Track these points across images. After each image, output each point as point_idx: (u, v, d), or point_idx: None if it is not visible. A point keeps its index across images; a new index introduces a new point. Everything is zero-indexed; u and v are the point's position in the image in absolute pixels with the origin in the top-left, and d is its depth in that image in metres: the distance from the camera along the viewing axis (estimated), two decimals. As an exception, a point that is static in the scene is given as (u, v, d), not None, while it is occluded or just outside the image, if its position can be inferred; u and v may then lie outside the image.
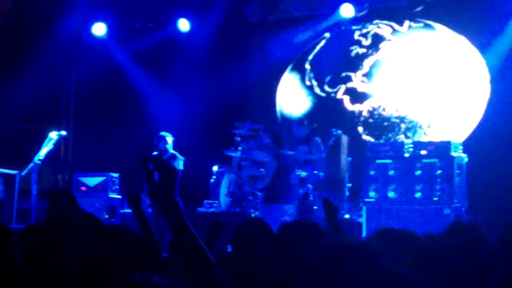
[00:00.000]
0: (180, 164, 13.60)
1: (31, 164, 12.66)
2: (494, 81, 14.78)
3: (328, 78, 16.55)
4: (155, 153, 13.81)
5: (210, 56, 17.25)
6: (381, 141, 15.19)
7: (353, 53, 16.33)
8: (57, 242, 2.89)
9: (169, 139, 13.92)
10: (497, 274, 3.77)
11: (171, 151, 13.87)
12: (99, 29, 17.59)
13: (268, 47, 17.28)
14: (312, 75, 16.73)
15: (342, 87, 16.34)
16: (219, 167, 15.01)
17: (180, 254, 3.29)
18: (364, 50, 16.18)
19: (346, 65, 16.43)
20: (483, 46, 14.84)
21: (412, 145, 13.29)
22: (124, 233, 3.52)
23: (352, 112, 16.22)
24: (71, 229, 2.94)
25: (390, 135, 15.48)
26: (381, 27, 15.91)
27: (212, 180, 14.77)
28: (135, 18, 17.84)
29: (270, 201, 14.32)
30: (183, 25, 17.30)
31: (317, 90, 16.71)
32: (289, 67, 17.14)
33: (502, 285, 3.71)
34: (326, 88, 16.54)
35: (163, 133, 13.93)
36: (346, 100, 16.22)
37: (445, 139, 13.46)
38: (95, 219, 3.14)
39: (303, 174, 13.95)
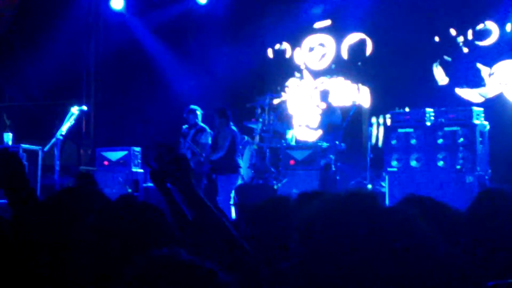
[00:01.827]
0: (208, 138, 13.63)
1: (54, 140, 12.71)
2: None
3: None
4: (185, 126, 13.81)
5: (228, 27, 17.19)
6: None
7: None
8: (68, 218, 2.90)
9: (198, 112, 13.92)
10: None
11: (201, 124, 13.88)
12: (117, 3, 17.57)
13: (286, 17, 17.01)
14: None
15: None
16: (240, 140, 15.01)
17: (202, 232, 3.32)
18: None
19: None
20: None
21: (433, 114, 13.21)
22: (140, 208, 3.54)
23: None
24: (83, 205, 2.95)
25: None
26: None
27: (233, 152, 14.78)
28: (153, -9, 17.82)
29: None
30: (202, -4, 17.27)
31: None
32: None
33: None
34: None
35: (192, 107, 13.92)
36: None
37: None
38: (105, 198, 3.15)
39: (325, 145, 13.92)
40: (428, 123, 13.18)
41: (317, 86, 15.65)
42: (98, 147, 15.79)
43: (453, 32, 13.73)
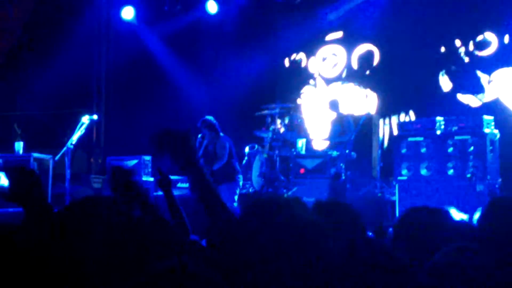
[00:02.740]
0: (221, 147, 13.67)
1: (64, 149, 12.75)
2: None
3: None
4: (199, 135, 13.84)
5: (238, 37, 17.24)
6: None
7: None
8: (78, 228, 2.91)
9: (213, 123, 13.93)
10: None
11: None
12: (127, 13, 17.64)
13: (297, 27, 17.14)
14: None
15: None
16: (250, 148, 15.04)
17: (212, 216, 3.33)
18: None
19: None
20: None
21: (443, 122, 13.20)
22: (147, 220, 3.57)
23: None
24: (95, 214, 2.96)
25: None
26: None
27: (244, 162, 14.80)
28: (163, 0, 17.85)
29: None
30: (211, 6, 17.28)
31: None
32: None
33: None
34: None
35: (207, 117, 13.92)
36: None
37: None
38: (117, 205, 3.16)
39: (335, 153, 13.93)
40: (438, 132, 13.17)
41: (328, 95, 15.94)
42: (108, 156, 15.83)
43: (457, 43, 14.23)
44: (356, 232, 4.25)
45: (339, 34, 15.96)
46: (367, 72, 15.65)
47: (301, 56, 16.76)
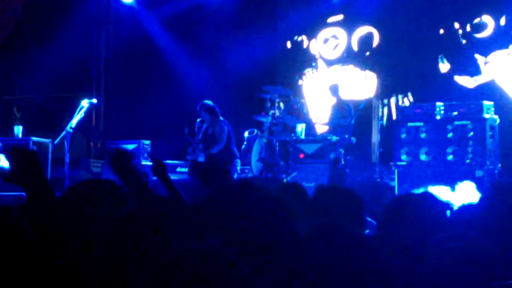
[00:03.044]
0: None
1: (64, 133, 12.74)
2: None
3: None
4: (198, 119, 13.81)
5: (239, 20, 17.21)
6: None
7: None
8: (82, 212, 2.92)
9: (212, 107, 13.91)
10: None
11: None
12: (128, -4, 17.60)
13: (298, 10, 17.13)
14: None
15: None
16: (249, 133, 15.03)
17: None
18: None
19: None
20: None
21: (443, 107, 13.20)
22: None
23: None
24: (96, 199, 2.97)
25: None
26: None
27: (243, 146, 14.79)
28: (163, -17, 17.81)
29: None
30: (212, -11, 17.25)
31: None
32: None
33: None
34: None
35: (206, 101, 13.90)
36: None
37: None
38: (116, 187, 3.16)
39: (334, 138, 13.93)
40: (438, 117, 13.17)
41: (328, 78, 16.09)
42: (108, 140, 15.83)
43: (456, 25, 14.49)
44: (357, 217, 4.26)
45: (340, 17, 16.14)
46: (367, 54, 15.86)
47: (302, 38, 16.88)
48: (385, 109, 15.31)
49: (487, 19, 14.30)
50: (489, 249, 2.92)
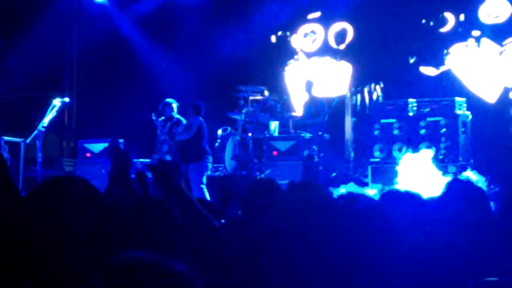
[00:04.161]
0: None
1: (36, 132, 12.64)
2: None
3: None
4: (161, 118, 13.79)
5: (212, 18, 17.18)
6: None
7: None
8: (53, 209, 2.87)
9: (174, 105, 13.91)
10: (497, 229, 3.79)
11: (176, 116, 13.87)
12: (99, -6, 17.50)
13: (271, 9, 17.28)
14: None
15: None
16: (223, 131, 15.02)
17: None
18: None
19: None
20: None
21: (416, 104, 13.28)
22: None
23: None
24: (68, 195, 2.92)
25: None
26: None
27: (216, 144, 14.78)
28: (135, -18, 17.74)
29: None
30: (184, -13, 17.20)
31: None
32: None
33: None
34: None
35: (168, 100, 13.90)
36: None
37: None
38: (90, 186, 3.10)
39: (308, 135, 13.95)
40: (411, 113, 13.24)
41: (307, 70, 16.80)
42: (80, 138, 15.74)
43: (422, 21, 15.39)
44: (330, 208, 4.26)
45: (317, 14, 17.03)
46: (342, 47, 16.59)
47: (286, 33, 17.59)
48: (359, 96, 15.82)
49: (448, 15, 14.99)
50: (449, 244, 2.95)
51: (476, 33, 14.59)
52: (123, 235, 2.92)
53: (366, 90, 15.83)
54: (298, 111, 15.68)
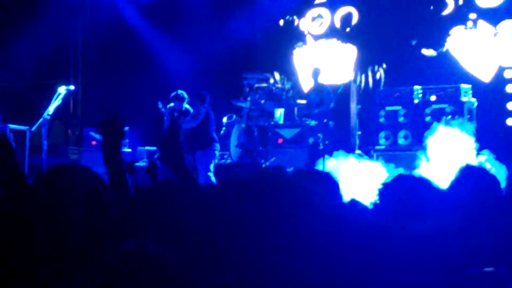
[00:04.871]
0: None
1: (41, 120, 12.63)
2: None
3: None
4: (169, 105, 13.78)
5: (216, 7, 17.16)
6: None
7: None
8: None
9: (185, 99, 13.90)
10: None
11: (185, 107, 13.85)
12: (104, -18, 17.46)
13: None
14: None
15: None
16: (228, 118, 15.00)
17: None
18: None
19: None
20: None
21: (421, 91, 13.25)
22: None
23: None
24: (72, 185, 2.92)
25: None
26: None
27: (221, 132, 14.76)
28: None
29: None
30: (189, -24, 17.16)
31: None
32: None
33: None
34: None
35: (180, 92, 13.84)
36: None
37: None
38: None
39: (313, 123, 13.93)
40: (416, 101, 13.22)
41: (315, 52, 17.48)
42: (86, 126, 15.75)
43: (423, 5, 15.92)
44: (335, 200, 4.25)
45: None
46: (347, 30, 17.12)
47: (293, 17, 18.03)
48: (363, 77, 16.47)
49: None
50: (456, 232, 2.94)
51: (473, 16, 15.09)
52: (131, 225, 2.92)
53: (369, 72, 16.32)
54: (305, 92, 15.84)
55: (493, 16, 14.86)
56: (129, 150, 14.53)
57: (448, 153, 11.73)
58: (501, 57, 14.63)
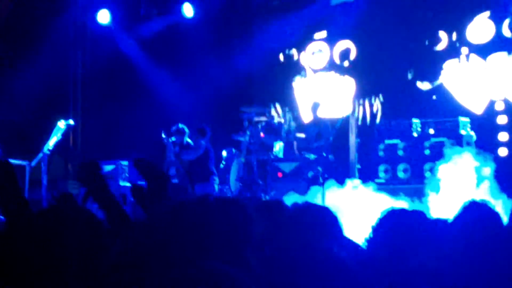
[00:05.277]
0: (191, 154, 13.67)
1: (41, 155, 12.66)
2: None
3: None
4: (171, 139, 13.78)
5: (215, 41, 17.25)
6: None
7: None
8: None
9: (186, 131, 13.94)
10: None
11: (186, 140, 13.87)
12: (103, 16, 17.53)
13: (274, 30, 17.54)
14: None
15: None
16: (227, 152, 15.02)
17: None
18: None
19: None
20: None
21: (420, 124, 13.29)
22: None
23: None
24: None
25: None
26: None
27: (221, 166, 14.77)
28: (139, 4, 17.79)
29: None
30: (188, 10, 17.25)
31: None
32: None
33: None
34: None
35: (181, 126, 13.88)
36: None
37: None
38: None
39: (312, 156, 13.95)
40: (415, 134, 13.25)
41: (314, 83, 17.79)
42: (86, 161, 15.73)
43: (419, 39, 16.28)
44: (334, 234, 4.25)
45: (324, 33, 17.96)
46: (346, 63, 17.44)
47: (293, 51, 18.29)
48: (360, 108, 16.68)
49: (442, 34, 15.84)
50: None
51: (465, 50, 15.52)
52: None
53: (367, 103, 16.57)
54: (305, 125, 15.98)
55: (483, 51, 15.29)
56: (129, 184, 14.51)
57: (460, 182, 11.83)
58: (492, 90, 14.99)
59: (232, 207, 3.02)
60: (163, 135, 13.63)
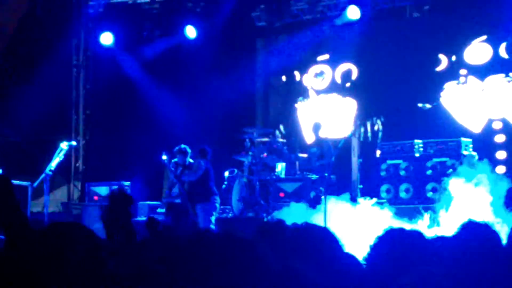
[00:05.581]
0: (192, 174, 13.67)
1: (43, 175, 12.67)
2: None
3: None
4: (173, 160, 13.80)
5: (218, 62, 17.29)
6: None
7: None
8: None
9: (188, 152, 13.92)
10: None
11: (189, 161, 13.87)
12: (106, 38, 17.59)
13: (276, 51, 17.62)
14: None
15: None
16: (230, 173, 15.02)
17: None
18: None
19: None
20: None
21: (422, 145, 13.30)
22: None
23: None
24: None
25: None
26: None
27: (223, 186, 14.77)
28: (141, 26, 17.86)
29: None
30: (190, 32, 17.31)
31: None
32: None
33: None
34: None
35: (183, 147, 13.87)
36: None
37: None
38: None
39: (314, 177, 13.95)
40: (417, 154, 13.25)
41: (317, 105, 17.86)
42: (88, 182, 15.75)
43: (419, 61, 16.39)
44: (334, 253, 4.25)
45: (326, 56, 18.11)
46: (347, 85, 17.57)
47: (296, 73, 18.40)
48: (362, 129, 16.70)
49: (442, 57, 16.06)
50: None
51: (463, 71, 15.78)
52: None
53: (368, 123, 16.68)
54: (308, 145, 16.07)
55: (481, 72, 15.56)
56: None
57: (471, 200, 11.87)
58: (490, 110, 15.24)
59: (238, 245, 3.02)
60: (164, 157, 13.62)
